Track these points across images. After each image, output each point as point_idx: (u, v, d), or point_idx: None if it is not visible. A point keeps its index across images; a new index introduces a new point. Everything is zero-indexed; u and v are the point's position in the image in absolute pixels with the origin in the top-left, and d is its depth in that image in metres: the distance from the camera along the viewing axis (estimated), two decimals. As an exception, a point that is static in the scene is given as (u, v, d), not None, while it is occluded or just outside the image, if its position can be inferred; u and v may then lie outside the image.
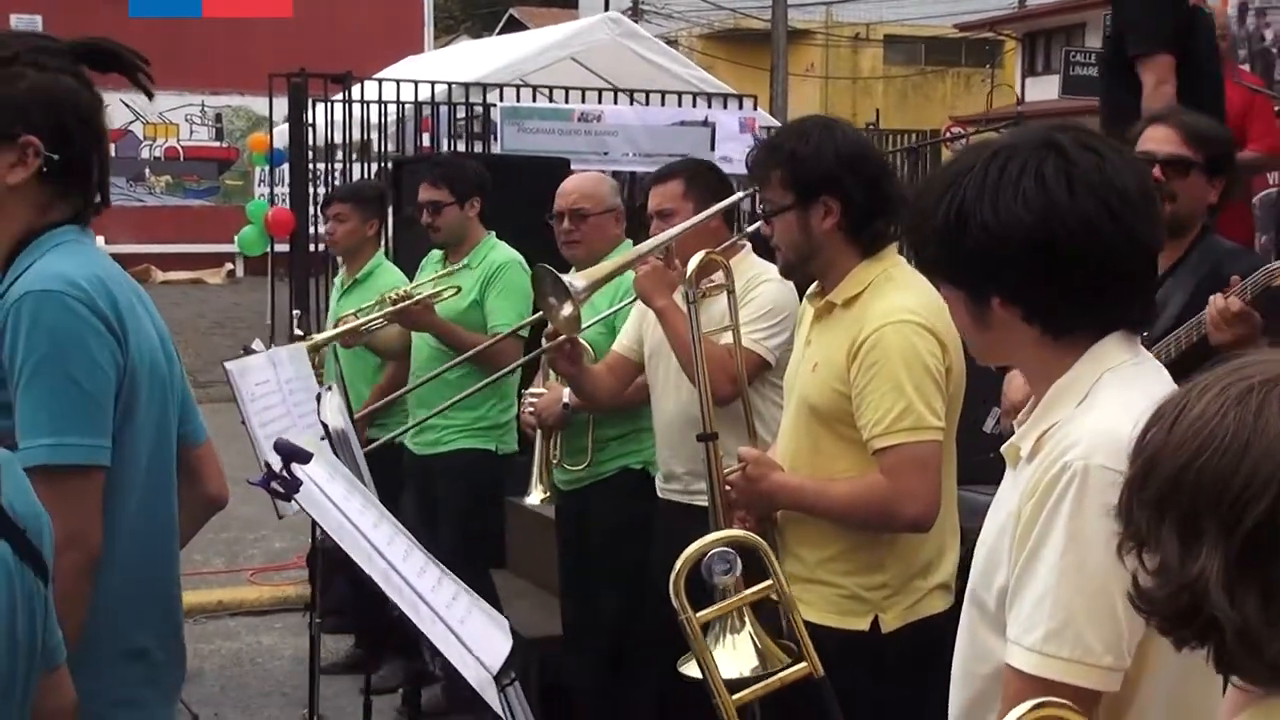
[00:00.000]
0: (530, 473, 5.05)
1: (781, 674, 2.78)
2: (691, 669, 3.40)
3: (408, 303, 5.58)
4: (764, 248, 4.05)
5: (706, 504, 4.28)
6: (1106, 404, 2.01)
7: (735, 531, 2.83)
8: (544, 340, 4.73)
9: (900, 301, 3.30)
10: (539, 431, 5.00)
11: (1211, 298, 3.49)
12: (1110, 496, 1.77)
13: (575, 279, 4.02)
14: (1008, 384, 3.87)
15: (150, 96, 2.75)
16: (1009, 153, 2.05)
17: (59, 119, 2.47)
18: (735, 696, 2.53)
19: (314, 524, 5.55)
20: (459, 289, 5.69)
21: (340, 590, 6.74)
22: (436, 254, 5.99)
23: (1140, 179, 2.08)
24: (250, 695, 6.46)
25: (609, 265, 4.24)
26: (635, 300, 4.50)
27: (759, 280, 4.26)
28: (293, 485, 2.11)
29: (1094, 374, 2.05)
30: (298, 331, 6.43)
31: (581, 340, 4.93)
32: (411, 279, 6.44)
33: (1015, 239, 2.01)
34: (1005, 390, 3.87)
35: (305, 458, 2.13)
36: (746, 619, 3.31)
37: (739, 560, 2.63)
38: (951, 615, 3.40)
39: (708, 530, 4.16)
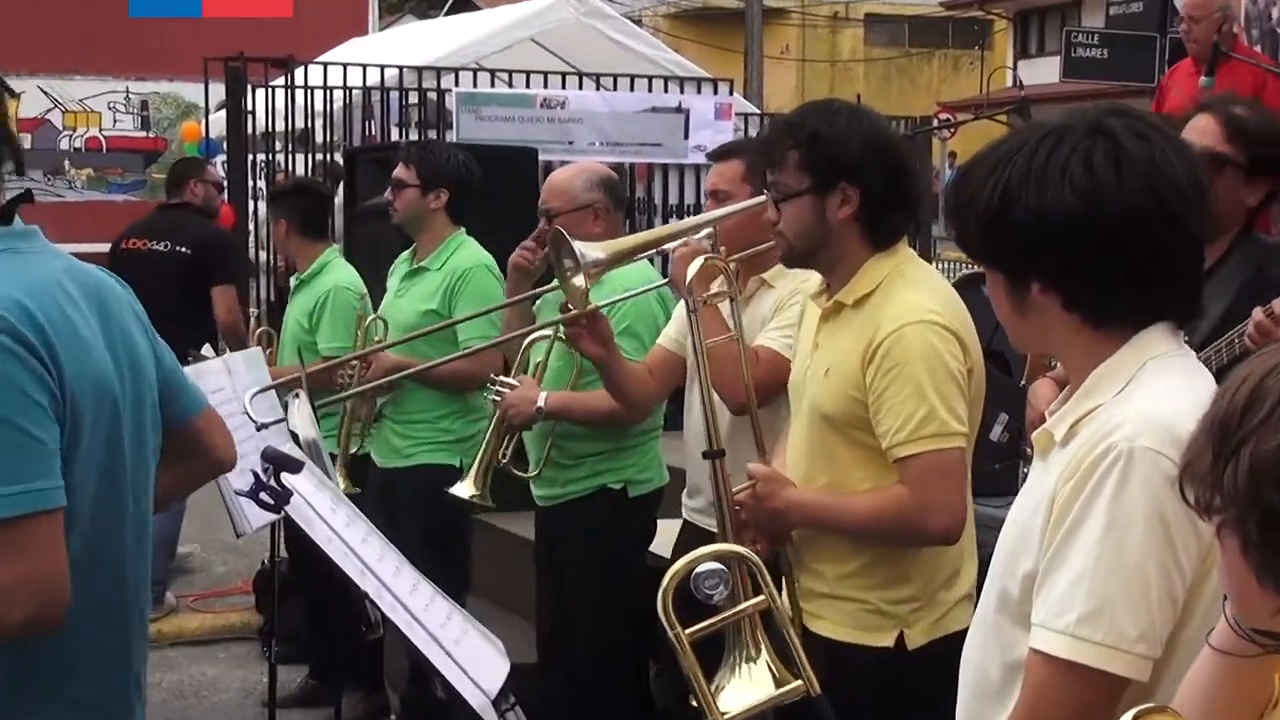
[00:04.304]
0: (472, 466, 5.00)
1: (777, 695, 2.82)
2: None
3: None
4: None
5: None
6: (1152, 390, 2.11)
7: (724, 546, 2.86)
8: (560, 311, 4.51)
9: (917, 300, 3.33)
10: (493, 423, 4.96)
11: (1255, 310, 3.45)
12: (1155, 480, 1.97)
13: (590, 249, 3.95)
14: (1033, 393, 3.89)
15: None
16: (1058, 135, 2.15)
17: None
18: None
19: (273, 544, 5.60)
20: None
21: (293, 617, 6.78)
22: (405, 255, 5.96)
23: (1191, 168, 2.17)
24: (196, 731, 6.47)
25: (633, 239, 4.17)
26: (646, 292, 4.45)
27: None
28: (283, 496, 2.13)
29: (1136, 362, 2.15)
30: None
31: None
32: (369, 279, 6.46)
33: (1059, 223, 2.12)
34: (1031, 400, 3.89)
35: (296, 467, 2.15)
36: (763, 646, 3.33)
37: (729, 576, 2.66)
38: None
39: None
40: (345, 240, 8.45)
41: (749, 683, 3.20)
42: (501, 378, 4.98)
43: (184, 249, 8.28)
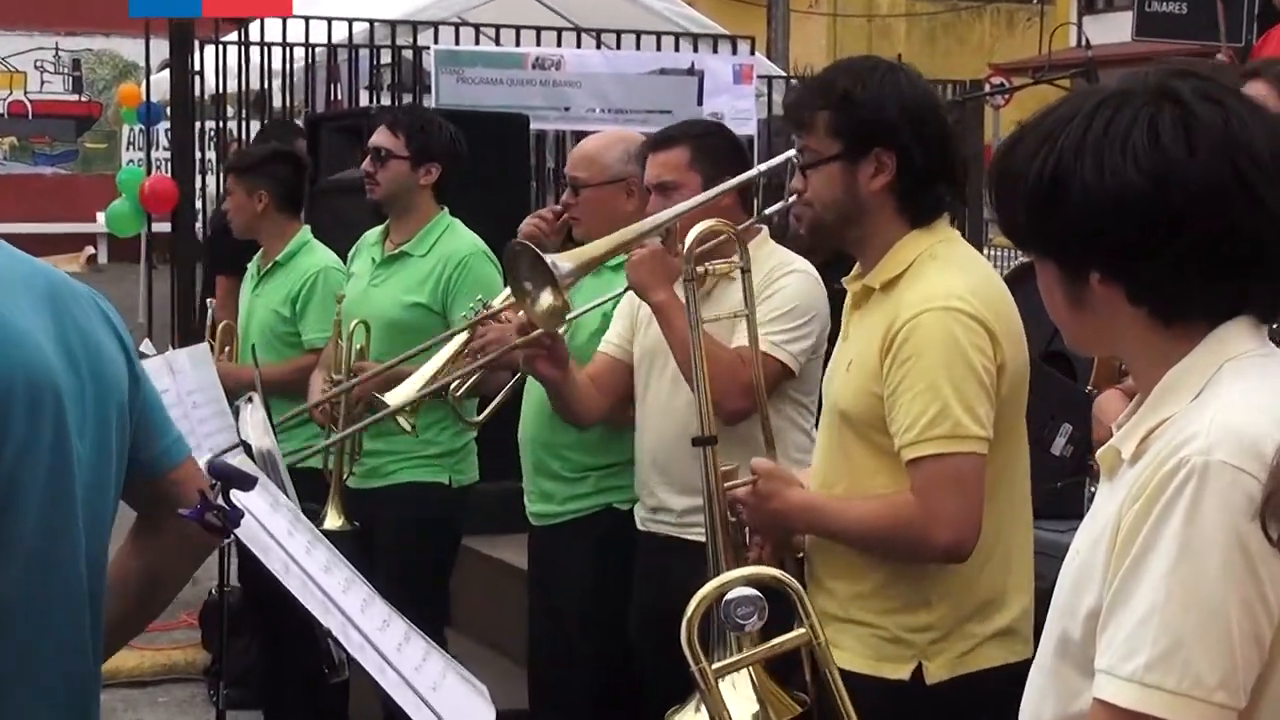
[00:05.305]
0: (422, 394, 5.07)
1: None
2: None
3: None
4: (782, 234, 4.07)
5: (701, 538, 4.34)
6: (1230, 396, 2.05)
7: (761, 569, 2.84)
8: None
9: (942, 285, 3.35)
10: (455, 345, 5.01)
11: None
12: (1234, 499, 1.91)
13: (561, 259, 3.99)
14: (1098, 407, 3.89)
15: None
16: (1118, 102, 2.10)
17: None
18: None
19: (221, 570, 5.58)
20: None
21: (245, 655, 6.77)
22: (373, 234, 5.94)
23: (1273, 136, 2.11)
24: (133, 787, 6.47)
25: (600, 245, 4.21)
26: (627, 290, 4.49)
27: (783, 271, 4.30)
28: (233, 518, 2.12)
29: (1212, 364, 2.10)
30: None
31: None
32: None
33: (1121, 204, 2.06)
34: (1096, 414, 3.88)
35: (249, 483, 2.14)
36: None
37: (764, 603, 2.64)
38: (1013, 672, 3.44)
39: (702, 569, 4.23)
40: (307, 221, 8.44)
41: (731, 693, 3.18)
42: (495, 306, 4.99)
43: None
